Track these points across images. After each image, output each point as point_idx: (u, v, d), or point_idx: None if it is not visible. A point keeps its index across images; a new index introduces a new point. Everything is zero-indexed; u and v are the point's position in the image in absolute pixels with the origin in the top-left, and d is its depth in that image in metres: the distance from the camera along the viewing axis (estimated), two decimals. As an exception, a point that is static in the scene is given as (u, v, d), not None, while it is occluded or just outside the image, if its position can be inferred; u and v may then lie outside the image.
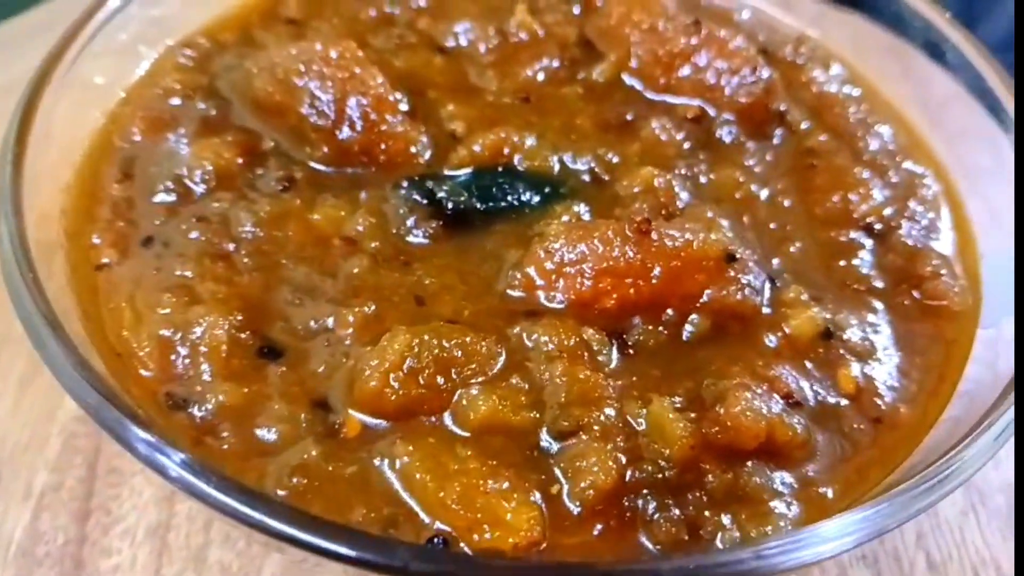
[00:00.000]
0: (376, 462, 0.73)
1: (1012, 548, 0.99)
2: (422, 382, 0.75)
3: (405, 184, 0.94)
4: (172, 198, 0.92)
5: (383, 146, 0.96)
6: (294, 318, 0.83)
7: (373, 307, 0.82)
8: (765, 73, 1.06)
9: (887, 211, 1.00)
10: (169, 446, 0.65)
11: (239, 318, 0.81)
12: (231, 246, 0.88)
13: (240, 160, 0.95)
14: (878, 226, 0.99)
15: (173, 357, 0.78)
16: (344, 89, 0.96)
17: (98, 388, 0.68)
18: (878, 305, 0.92)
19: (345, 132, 0.95)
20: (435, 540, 0.68)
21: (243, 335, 0.80)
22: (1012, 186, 1.02)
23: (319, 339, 0.81)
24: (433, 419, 0.75)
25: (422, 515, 0.70)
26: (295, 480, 0.71)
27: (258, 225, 0.89)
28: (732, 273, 0.83)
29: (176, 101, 1.02)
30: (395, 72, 1.06)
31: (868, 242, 0.98)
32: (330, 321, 0.82)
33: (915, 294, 0.93)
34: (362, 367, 0.76)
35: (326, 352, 0.80)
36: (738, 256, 0.84)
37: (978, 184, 1.09)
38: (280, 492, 0.71)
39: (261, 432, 0.75)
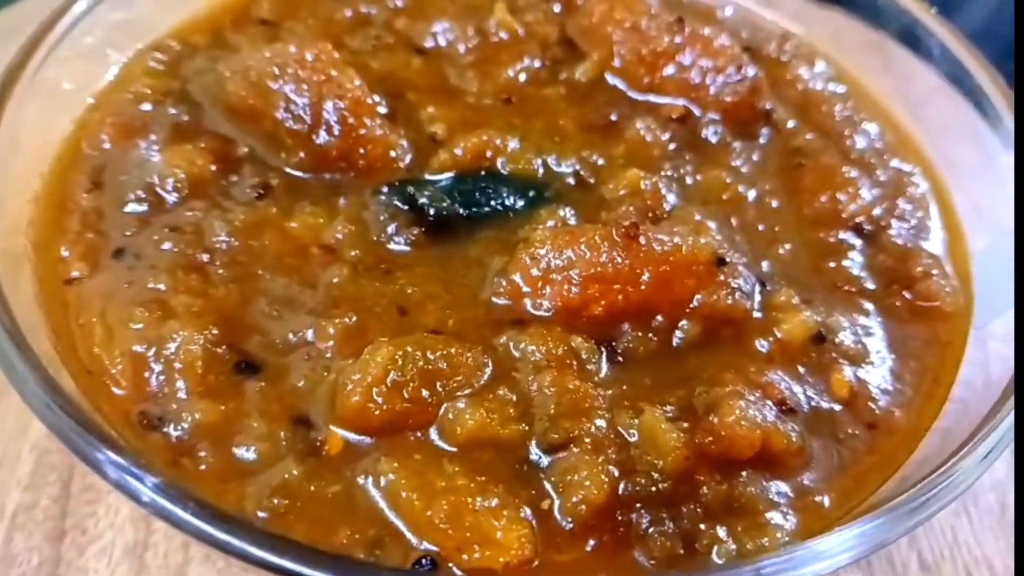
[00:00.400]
0: (360, 480, 0.70)
1: (1004, 547, 0.99)
2: (407, 396, 0.73)
3: (385, 190, 0.91)
4: (143, 208, 0.89)
5: (362, 151, 0.94)
6: (272, 331, 0.80)
7: (354, 318, 0.80)
8: (750, 71, 1.05)
9: (876, 211, 0.99)
10: (142, 469, 0.63)
11: (214, 332, 0.78)
12: (205, 257, 0.85)
13: (213, 167, 0.92)
14: (868, 227, 0.98)
15: (147, 374, 0.76)
16: (320, 92, 0.93)
17: (67, 410, 0.66)
18: (869, 307, 0.91)
19: (322, 137, 0.93)
20: (423, 561, 0.66)
21: (219, 350, 0.77)
22: (999, 182, 1.01)
23: (298, 353, 0.78)
24: (419, 434, 0.73)
25: (409, 535, 0.68)
26: (276, 501, 0.69)
27: (233, 235, 0.87)
28: (722, 277, 0.82)
29: (147, 106, 0.99)
30: (373, 74, 1.04)
31: (858, 242, 0.96)
32: (310, 334, 0.79)
33: (906, 295, 0.92)
34: (344, 381, 0.73)
35: (306, 366, 0.77)
36: (728, 260, 0.82)
37: (964, 180, 1.08)
38: (261, 514, 0.68)
39: (240, 451, 0.72)
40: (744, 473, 0.73)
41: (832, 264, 0.94)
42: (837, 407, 0.82)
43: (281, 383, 0.77)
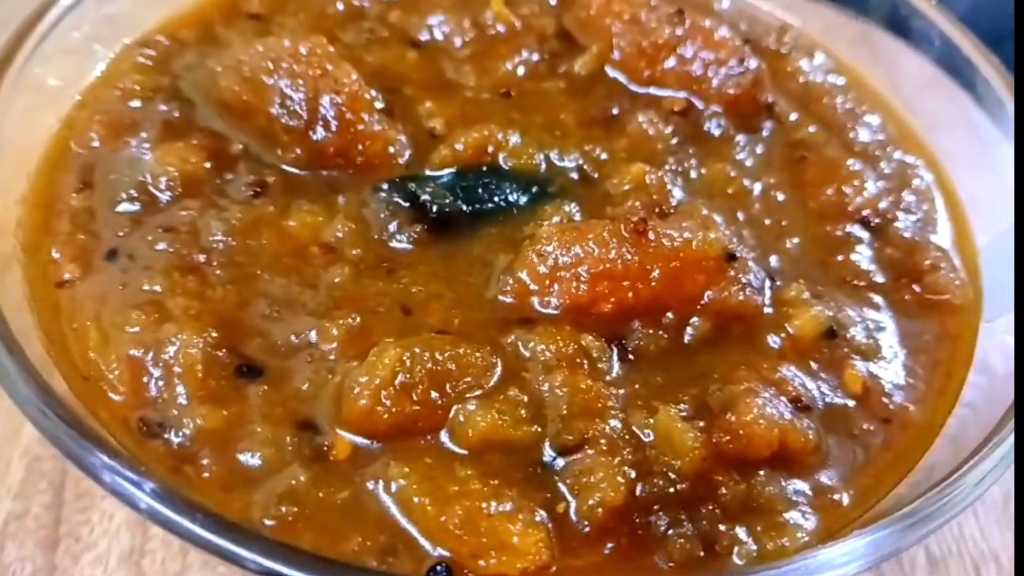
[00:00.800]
0: (370, 486, 0.68)
1: (1010, 541, 0.98)
2: (415, 398, 0.71)
3: (385, 187, 0.89)
4: (136, 207, 0.86)
5: (360, 147, 0.91)
6: (273, 333, 0.78)
7: (358, 319, 0.78)
8: (753, 63, 1.03)
9: (882, 204, 0.98)
10: (140, 475, 0.61)
11: (214, 335, 0.75)
12: (202, 257, 0.82)
13: (207, 165, 0.90)
14: (875, 220, 0.97)
15: (145, 379, 0.73)
16: (316, 87, 0.90)
17: (60, 414, 0.64)
18: (879, 301, 0.90)
19: (319, 133, 0.90)
20: (437, 568, 0.64)
21: (219, 353, 0.75)
22: (1001, 173, 1.01)
23: (301, 355, 0.76)
24: (428, 438, 0.71)
25: (422, 541, 0.66)
26: (284, 509, 0.67)
27: (230, 234, 0.84)
28: (732, 273, 0.80)
29: (136, 103, 0.96)
30: (368, 68, 1.01)
31: (865, 235, 0.95)
32: (312, 335, 0.77)
33: (916, 288, 0.91)
34: (351, 384, 0.71)
35: (309, 369, 0.75)
36: (738, 255, 0.81)
37: (965, 171, 1.08)
38: (268, 522, 0.66)
39: (244, 457, 0.70)
40: (761, 472, 0.72)
41: (840, 258, 0.93)
42: (851, 403, 0.81)
43: (284, 386, 0.74)
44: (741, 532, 0.69)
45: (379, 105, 0.97)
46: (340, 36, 1.07)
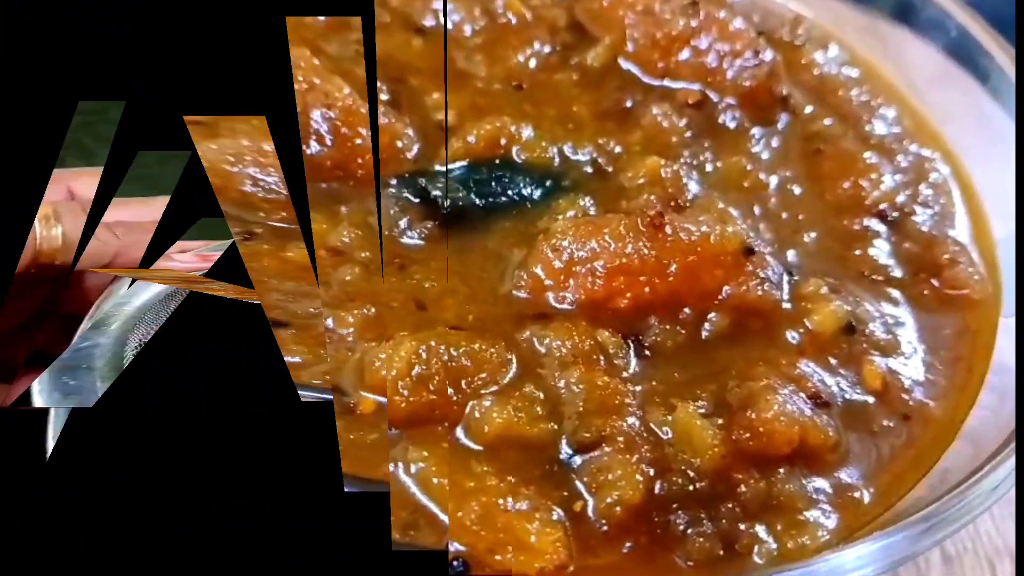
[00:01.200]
0: (390, 467, 0.67)
1: (1026, 536, 0.98)
2: (432, 388, 0.70)
3: (394, 182, 0.88)
4: None
5: (360, 160, 0.87)
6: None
7: (373, 309, 0.76)
8: (768, 55, 1.02)
9: (900, 197, 0.97)
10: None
11: None
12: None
13: None
14: (892, 213, 0.95)
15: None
16: (304, 102, 0.86)
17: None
18: (898, 296, 0.89)
19: (313, 147, 0.86)
20: (454, 564, 0.63)
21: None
22: (1011, 163, 1.00)
23: (318, 338, 0.75)
24: (445, 425, 0.70)
25: (442, 516, 0.65)
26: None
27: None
28: (750, 267, 0.79)
29: None
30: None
31: (882, 229, 0.94)
32: (329, 322, 0.75)
33: (934, 283, 0.90)
34: (371, 359, 0.70)
35: (329, 348, 0.74)
36: (756, 249, 0.80)
37: (978, 163, 1.06)
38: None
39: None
40: (781, 470, 0.71)
41: (858, 252, 0.91)
42: (871, 399, 0.79)
43: None
44: (761, 530, 0.68)
45: (384, 96, 0.95)
46: (323, 48, 1.00)
